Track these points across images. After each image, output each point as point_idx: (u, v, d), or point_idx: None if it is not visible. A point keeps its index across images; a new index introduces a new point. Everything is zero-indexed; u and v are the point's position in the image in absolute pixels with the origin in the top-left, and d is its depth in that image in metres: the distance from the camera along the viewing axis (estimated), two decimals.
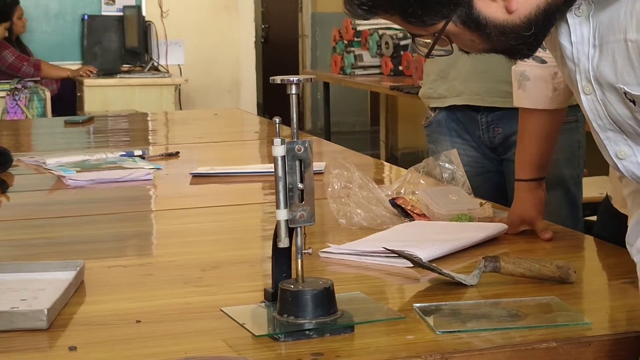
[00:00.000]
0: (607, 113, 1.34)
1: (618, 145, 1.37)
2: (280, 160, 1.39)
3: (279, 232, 1.40)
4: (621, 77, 1.29)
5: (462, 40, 1.35)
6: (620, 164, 1.38)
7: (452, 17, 1.30)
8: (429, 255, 1.74)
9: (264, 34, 11.63)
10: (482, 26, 1.30)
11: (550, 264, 1.62)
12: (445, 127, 2.82)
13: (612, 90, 1.32)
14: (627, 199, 1.53)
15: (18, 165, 2.93)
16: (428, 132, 2.91)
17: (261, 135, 3.82)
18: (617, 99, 1.32)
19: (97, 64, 7.53)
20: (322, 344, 1.35)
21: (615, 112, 1.33)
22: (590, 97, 1.35)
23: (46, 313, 1.42)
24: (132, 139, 3.84)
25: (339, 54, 7.03)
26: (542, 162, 2.04)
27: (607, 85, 1.32)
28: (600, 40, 1.31)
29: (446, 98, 2.83)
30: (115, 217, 2.31)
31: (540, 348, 1.34)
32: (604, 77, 1.32)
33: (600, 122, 1.36)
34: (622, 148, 1.37)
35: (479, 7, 1.29)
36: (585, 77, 1.34)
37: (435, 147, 2.83)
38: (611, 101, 1.33)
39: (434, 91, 2.87)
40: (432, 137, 2.89)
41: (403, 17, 1.31)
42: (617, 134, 1.36)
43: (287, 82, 1.39)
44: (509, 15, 1.30)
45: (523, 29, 1.31)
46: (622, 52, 1.28)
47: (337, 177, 2.14)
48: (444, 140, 2.82)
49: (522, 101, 2.05)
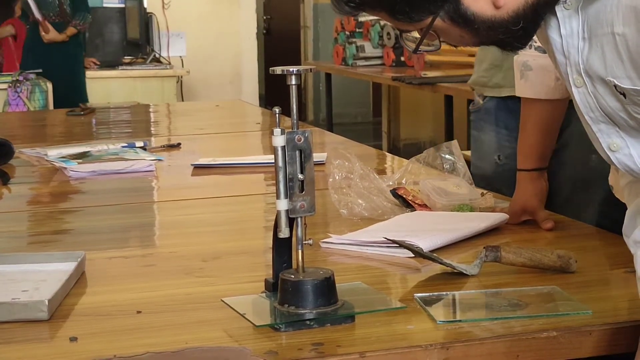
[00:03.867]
0: (599, 105, 1.34)
1: (610, 138, 1.37)
2: (280, 150, 1.39)
3: (279, 223, 1.40)
4: (610, 70, 1.29)
5: (450, 36, 1.34)
6: (613, 156, 1.38)
7: (440, 13, 1.29)
8: (430, 245, 1.74)
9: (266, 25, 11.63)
10: (470, 22, 1.30)
11: (552, 253, 1.62)
12: (494, 116, 2.68)
13: (603, 83, 1.32)
14: (623, 190, 1.53)
15: (19, 157, 2.94)
16: (474, 118, 2.77)
17: (263, 127, 3.82)
18: (607, 91, 1.32)
19: (98, 55, 7.53)
20: (322, 334, 1.35)
21: (607, 105, 1.33)
22: (582, 89, 1.35)
23: (47, 304, 1.42)
24: (133, 130, 3.85)
25: (341, 45, 7.03)
26: (545, 152, 2.04)
27: (597, 78, 1.32)
28: (590, 33, 1.31)
29: (503, 88, 2.74)
30: (116, 208, 2.31)
31: (540, 337, 1.34)
32: (594, 70, 1.32)
33: (592, 115, 1.36)
34: (615, 140, 1.37)
35: (467, 3, 1.29)
36: (575, 69, 1.34)
37: (479, 134, 2.71)
38: (602, 94, 1.33)
39: (489, 80, 2.77)
40: (477, 124, 2.75)
41: (390, 14, 1.31)
42: (609, 126, 1.36)
43: (287, 73, 1.39)
44: (496, 10, 1.29)
45: (511, 24, 1.30)
46: (611, 46, 1.28)
47: (338, 167, 2.14)
48: (490, 130, 2.69)
49: (525, 91, 2.05)
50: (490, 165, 2.52)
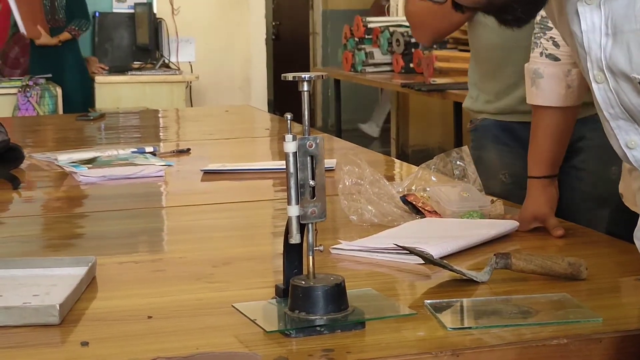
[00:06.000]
0: (620, 102, 1.34)
1: (629, 135, 1.36)
2: (291, 156, 1.39)
3: (290, 228, 1.40)
4: (636, 67, 1.29)
5: None
6: (630, 153, 1.37)
7: None
8: (440, 252, 1.74)
9: (275, 30, 11.64)
10: None
11: (562, 260, 1.61)
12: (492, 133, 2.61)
13: (626, 80, 1.31)
14: (637, 193, 1.52)
15: (30, 161, 2.94)
16: (473, 137, 2.69)
17: (272, 132, 3.82)
18: (630, 88, 1.31)
19: (108, 61, 7.55)
20: (333, 340, 1.35)
21: (629, 101, 1.33)
22: (602, 85, 1.34)
23: (58, 309, 1.42)
24: (143, 135, 3.85)
25: (350, 51, 7.03)
26: (555, 159, 2.04)
27: (620, 74, 1.31)
28: (614, 29, 1.30)
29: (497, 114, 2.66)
30: (126, 213, 2.32)
31: (551, 345, 1.34)
32: (618, 66, 1.31)
33: (612, 111, 1.35)
34: (633, 137, 1.36)
35: None
36: (597, 65, 1.33)
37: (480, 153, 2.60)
38: (625, 90, 1.32)
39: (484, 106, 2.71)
40: (477, 143, 2.66)
41: None
42: (629, 123, 1.35)
43: (299, 79, 1.39)
44: None
45: None
46: (638, 41, 1.27)
47: (348, 173, 2.14)
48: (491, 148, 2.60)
49: (535, 99, 2.05)
50: (497, 183, 2.50)
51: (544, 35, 2.01)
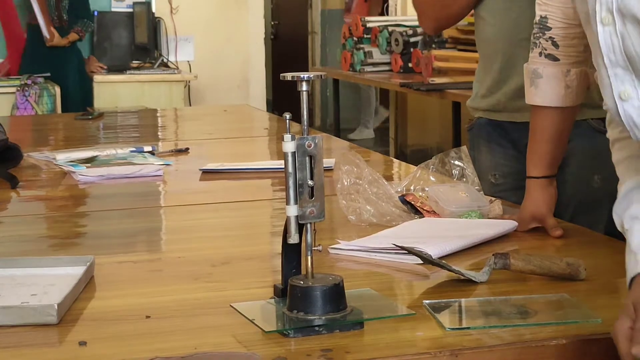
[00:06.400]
0: (624, 47, 1.31)
1: (624, 85, 1.33)
2: (290, 156, 1.39)
3: (289, 228, 1.40)
4: None
5: None
6: (621, 105, 1.34)
7: None
8: (439, 252, 1.74)
9: (274, 30, 11.64)
10: None
11: (561, 261, 1.61)
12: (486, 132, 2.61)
13: (636, 24, 1.28)
14: (617, 166, 1.49)
15: (28, 160, 2.94)
16: (470, 137, 2.69)
17: (270, 132, 3.82)
18: (638, 33, 1.28)
19: (106, 60, 7.54)
20: (331, 340, 1.35)
21: (632, 47, 1.29)
22: (608, 28, 1.31)
23: (56, 308, 1.42)
24: (141, 135, 3.85)
25: (349, 50, 7.03)
26: (554, 159, 2.04)
27: (631, 17, 1.28)
28: None
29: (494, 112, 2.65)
30: (124, 212, 2.32)
31: (549, 345, 1.34)
32: (629, 9, 1.27)
33: (613, 57, 1.32)
34: (627, 88, 1.33)
35: None
36: (606, 7, 1.30)
37: (474, 154, 2.57)
38: (631, 35, 1.28)
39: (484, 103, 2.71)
40: (472, 143, 2.66)
41: None
42: (626, 72, 1.32)
43: (297, 79, 1.39)
44: None
45: None
46: None
47: (346, 173, 2.14)
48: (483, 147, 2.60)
49: (534, 99, 2.05)
50: (486, 185, 2.47)
51: (543, 36, 2.01)
